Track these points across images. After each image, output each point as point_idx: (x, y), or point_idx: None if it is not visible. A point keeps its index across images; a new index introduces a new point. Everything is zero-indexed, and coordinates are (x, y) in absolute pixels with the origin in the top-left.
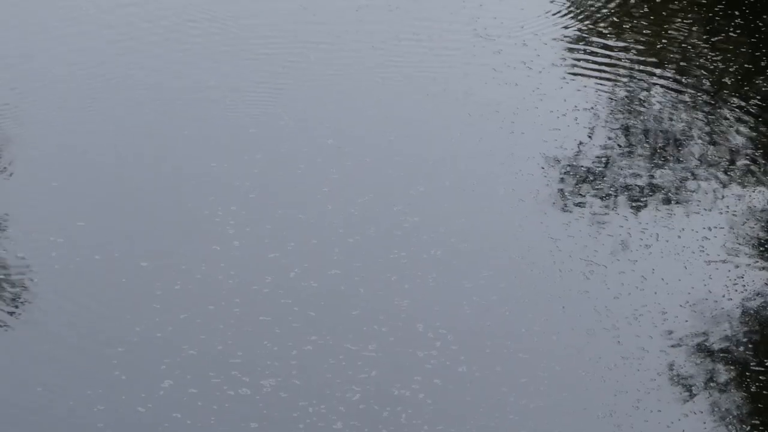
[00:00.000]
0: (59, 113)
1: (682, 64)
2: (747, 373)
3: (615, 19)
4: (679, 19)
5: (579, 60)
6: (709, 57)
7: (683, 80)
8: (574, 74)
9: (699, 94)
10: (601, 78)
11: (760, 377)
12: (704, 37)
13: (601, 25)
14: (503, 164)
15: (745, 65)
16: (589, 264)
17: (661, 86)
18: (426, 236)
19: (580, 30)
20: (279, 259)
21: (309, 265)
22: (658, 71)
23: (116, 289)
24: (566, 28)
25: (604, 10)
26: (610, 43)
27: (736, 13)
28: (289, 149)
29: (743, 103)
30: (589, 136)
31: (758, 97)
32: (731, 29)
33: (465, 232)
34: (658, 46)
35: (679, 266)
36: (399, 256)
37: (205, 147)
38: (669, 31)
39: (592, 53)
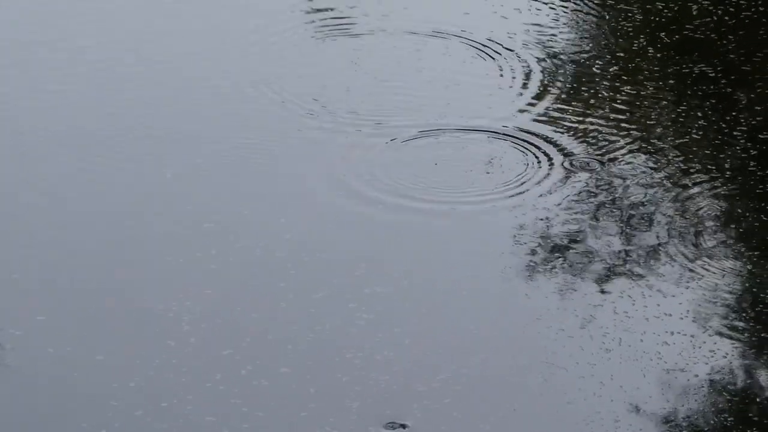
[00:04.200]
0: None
1: (646, 167)
2: None
3: (576, 124)
4: (642, 119)
5: (543, 165)
6: (671, 158)
7: (645, 181)
8: (540, 179)
9: (659, 194)
10: (566, 184)
11: None
12: (669, 138)
13: (565, 126)
14: (464, 270)
15: (708, 166)
16: (549, 366)
17: (620, 191)
18: (380, 335)
19: (546, 139)
20: (233, 356)
21: (261, 363)
22: (619, 175)
23: (69, 385)
24: (537, 136)
25: (572, 117)
26: (576, 149)
27: (699, 114)
28: (246, 244)
29: (704, 208)
30: (552, 241)
31: (719, 201)
32: (694, 131)
33: (420, 334)
34: (619, 147)
35: (637, 373)
36: (353, 356)
37: (160, 242)
38: (632, 132)
39: (556, 157)
